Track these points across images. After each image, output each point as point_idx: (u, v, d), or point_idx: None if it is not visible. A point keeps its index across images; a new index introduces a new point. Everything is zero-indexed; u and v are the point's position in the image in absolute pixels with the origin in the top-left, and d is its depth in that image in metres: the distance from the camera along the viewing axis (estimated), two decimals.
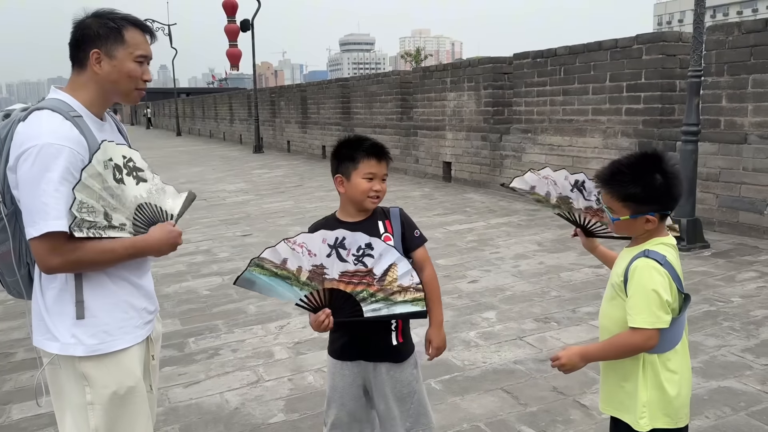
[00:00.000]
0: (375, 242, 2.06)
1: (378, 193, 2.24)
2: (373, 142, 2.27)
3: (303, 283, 2.05)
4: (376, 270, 2.06)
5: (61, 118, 1.89)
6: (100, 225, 1.86)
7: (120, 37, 1.98)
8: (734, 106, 7.21)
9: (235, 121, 29.37)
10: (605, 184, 1.99)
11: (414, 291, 2.09)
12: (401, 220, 2.33)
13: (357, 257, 2.05)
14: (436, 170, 13.15)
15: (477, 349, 4.33)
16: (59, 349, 1.96)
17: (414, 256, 2.32)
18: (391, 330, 2.29)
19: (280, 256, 2.04)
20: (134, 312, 2.06)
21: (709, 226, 7.29)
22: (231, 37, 26.75)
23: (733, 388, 3.57)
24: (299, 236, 2.05)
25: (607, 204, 2.01)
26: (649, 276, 1.90)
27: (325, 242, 2.04)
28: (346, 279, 2.06)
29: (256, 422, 3.44)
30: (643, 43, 8.33)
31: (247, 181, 14.41)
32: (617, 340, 1.98)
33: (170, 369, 4.13)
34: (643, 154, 1.97)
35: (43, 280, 1.97)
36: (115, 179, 1.90)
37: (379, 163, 2.24)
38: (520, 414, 3.41)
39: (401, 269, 2.08)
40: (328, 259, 2.04)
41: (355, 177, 2.22)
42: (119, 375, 2.00)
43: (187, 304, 5.49)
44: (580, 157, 9.48)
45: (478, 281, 5.92)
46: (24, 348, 4.60)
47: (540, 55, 10.17)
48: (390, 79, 15.18)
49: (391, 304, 2.08)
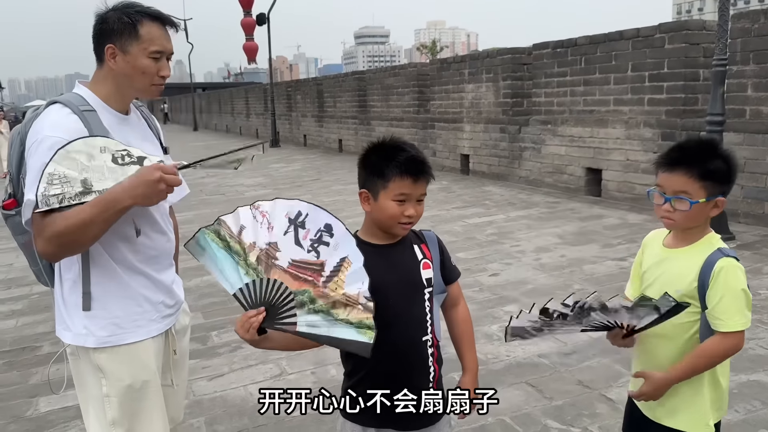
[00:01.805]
0: (336, 226, 1.71)
1: (411, 219, 1.80)
2: (411, 154, 1.79)
3: (249, 265, 1.70)
4: (327, 264, 1.69)
5: (68, 111, 1.90)
6: (69, 194, 1.78)
7: (134, 33, 1.94)
8: (760, 95, 7.06)
9: (252, 115, 29.45)
10: (680, 162, 1.83)
11: (362, 310, 1.66)
12: (439, 246, 1.96)
13: (313, 242, 1.71)
14: (454, 163, 13.08)
15: (500, 342, 4.29)
16: (71, 339, 1.98)
17: (449, 290, 1.98)
18: (429, 380, 1.87)
19: (239, 223, 1.73)
20: (149, 305, 2.05)
21: (733, 217, 7.17)
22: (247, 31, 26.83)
23: (763, 382, 3.51)
24: (265, 203, 1.75)
25: (679, 188, 1.82)
26: (735, 276, 1.81)
27: (287, 216, 1.72)
28: (296, 270, 1.70)
29: (281, 415, 3.43)
30: (665, 32, 8.20)
31: (265, 176, 14.45)
32: (706, 351, 1.83)
33: (194, 362, 4.15)
34: (698, 139, 1.90)
35: (62, 271, 1.99)
36: (115, 162, 1.84)
37: (416, 183, 1.78)
38: (546, 408, 3.37)
39: (353, 268, 1.69)
40: (283, 238, 1.71)
41: (383, 198, 1.79)
42: (133, 368, 2.00)
43: (209, 298, 5.52)
44: (601, 148, 9.37)
45: (500, 274, 5.88)
46: (50, 342, 4.65)
47: (560, 45, 10.05)
48: (407, 71, 15.12)
49: (331, 322, 1.68)
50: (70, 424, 3.44)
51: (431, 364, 1.88)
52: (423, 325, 1.86)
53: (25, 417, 3.58)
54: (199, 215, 8.45)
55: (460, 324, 2.01)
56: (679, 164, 1.84)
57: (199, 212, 8.50)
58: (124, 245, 1.97)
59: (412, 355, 1.85)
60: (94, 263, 1.94)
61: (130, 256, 1.99)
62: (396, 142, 1.84)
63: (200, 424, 3.40)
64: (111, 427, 1.99)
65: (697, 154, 1.84)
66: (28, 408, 3.68)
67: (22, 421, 3.54)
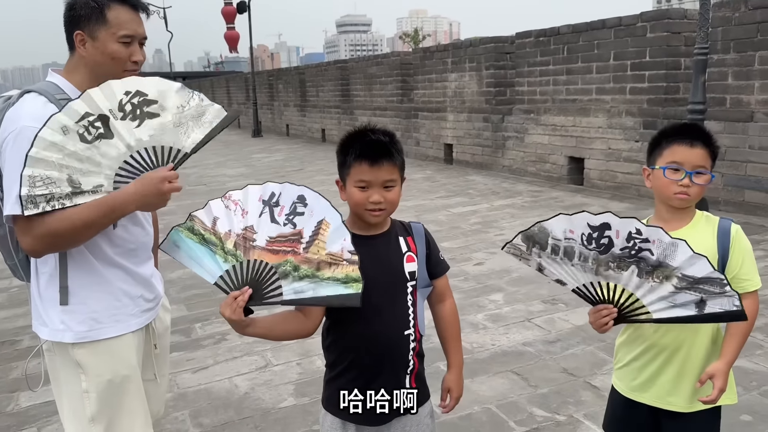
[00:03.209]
0: (308, 195, 1.71)
1: (377, 205, 1.76)
2: (370, 139, 1.76)
3: (227, 252, 1.70)
4: (305, 231, 1.70)
5: (44, 100, 1.85)
6: (59, 195, 1.74)
7: (102, 17, 1.88)
8: (740, 83, 7.13)
9: (233, 104, 29.18)
10: (698, 136, 1.90)
11: (347, 265, 1.68)
12: (426, 239, 1.92)
13: (288, 215, 1.70)
14: (438, 152, 13.07)
15: (485, 331, 4.31)
16: (48, 335, 1.94)
17: (436, 284, 1.94)
18: (406, 373, 1.86)
19: (212, 216, 1.73)
20: (128, 299, 2.01)
21: (714, 205, 7.25)
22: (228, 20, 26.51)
23: (745, 368, 3.55)
24: (237, 192, 1.74)
25: (699, 163, 1.86)
26: (746, 238, 1.89)
27: (261, 199, 1.72)
28: (274, 246, 1.70)
29: (266, 407, 3.43)
30: (647, 20, 8.23)
31: (248, 166, 14.34)
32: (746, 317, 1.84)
33: (178, 354, 4.11)
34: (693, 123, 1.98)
35: (38, 265, 1.94)
36: (84, 140, 1.77)
37: (374, 167, 1.73)
38: (531, 396, 3.39)
39: (333, 226, 1.69)
40: (259, 220, 1.71)
41: (349, 185, 1.79)
42: (113, 363, 1.97)
43: (192, 290, 5.47)
44: (583, 137, 9.41)
45: (484, 263, 5.89)
46: (29, 335, 4.58)
47: (543, 33, 10.05)
48: (390, 60, 15.05)
49: (317, 283, 1.68)
50: (52, 419, 3.39)
51: (411, 357, 1.86)
52: (405, 319, 1.84)
53: (5, 412, 3.53)
54: (181, 206, 8.32)
55: (446, 320, 1.97)
56: (699, 140, 1.89)
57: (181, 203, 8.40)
58: (101, 238, 1.93)
59: (393, 348, 1.83)
60: (72, 257, 1.90)
61: (107, 249, 1.95)
62: (363, 128, 1.82)
63: (184, 417, 3.37)
64: (90, 423, 1.95)
65: (709, 135, 1.93)
66: (8, 403, 3.63)
67: (3, 416, 3.49)
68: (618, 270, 1.74)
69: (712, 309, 1.69)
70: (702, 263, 1.68)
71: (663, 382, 1.95)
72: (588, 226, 1.74)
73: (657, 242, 1.69)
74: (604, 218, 1.72)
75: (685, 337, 1.91)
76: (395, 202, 1.81)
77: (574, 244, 1.76)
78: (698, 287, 1.68)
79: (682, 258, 1.68)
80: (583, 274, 1.78)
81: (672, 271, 1.69)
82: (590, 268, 1.76)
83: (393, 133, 1.86)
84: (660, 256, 1.69)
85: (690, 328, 1.89)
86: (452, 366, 1.98)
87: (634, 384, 2.02)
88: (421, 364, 1.92)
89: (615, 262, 1.73)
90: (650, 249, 1.70)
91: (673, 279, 1.70)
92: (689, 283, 1.69)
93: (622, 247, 1.72)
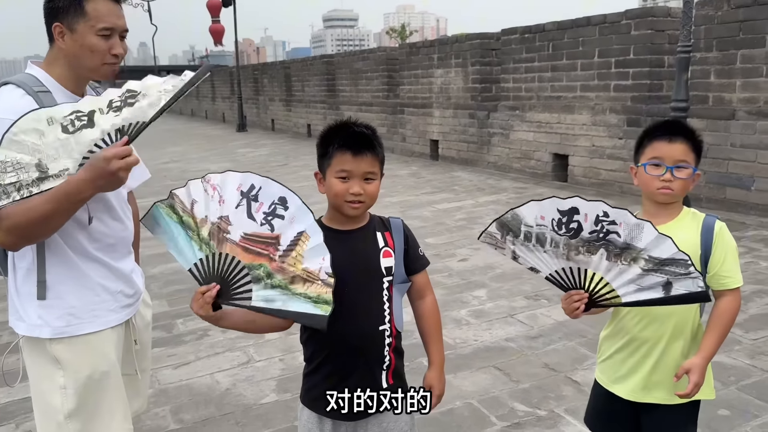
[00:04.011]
0: (291, 198, 1.66)
1: (357, 197, 1.75)
2: (354, 130, 1.78)
3: (202, 240, 1.68)
4: (283, 238, 1.66)
5: (21, 92, 1.83)
6: (26, 181, 1.69)
7: (80, 9, 1.85)
8: (722, 81, 7.20)
9: (218, 99, 28.98)
10: (679, 131, 1.92)
11: (322, 285, 1.65)
12: (404, 234, 1.90)
13: (266, 215, 1.66)
14: (424, 148, 13.08)
15: (468, 327, 4.32)
16: (26, 330, 1.92)
17: (415, 280, 1.92)
18: (382, 369, 1.85)
19: (190, 197, 1.70)
20: (108, 295, 1.99)
21: (696, 202, 7.32)
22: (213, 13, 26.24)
23: (723, 363, 3.59)
24: (216, 176, 1.70)
25: (680, 157, 1.88)
26: (730, 236, 1.91)
27: (239, 189, 1.68)
28: (247, 244, 1.67)
29: (248, 403, 3.41)
30: (631, 18, 8.28)
31: (232, 161, 14.25)
32: (727, 313, 1.88)
33: (159, 350, 4.08)
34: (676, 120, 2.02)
35: (16, 260, 1.91)
36: (66, 131, 1.74)
37: (356, 157, 1.74)
38: (513, 391, 3.41)
39: (312, 243, 1.65)
40: (235, 212, 1.67)
41: (329, 175, 1.78)
42: (92, 359, 1.95)
43: (174, 285, 5.43)
44: (568, 134, 9.45)
45: (468, 260, 5.91)
46: (8, 331, 4.51)
47: (528, 30, 10.08)
48: (376, 55, 15.02)
49: (288, 296, 1.66)
50: (30, 415, 3.32)
51: (387, 354, 1.85)
52: (380, 315, 1.83)
53: None
54: None
55: (426, 317, 1.95)
56: (678, 135, 1.91)
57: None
58: (80, 233, 1.91)
59: (367, 343, 1.82)
60: (50, 251, 1.87)
61: (86, 243, 1.93)
62: (346, 122, 1.83)
63: (165, 413, 3.34)
64: (66, 420, 1.93)
65: (692, 130, 1.95)
66: None
67: None
68: (588, 254, 1.76)
69: (678, 291, 1.71)
70: (667, 244, 1.69)
71: (642, 374, 1.97)
72: (557, 211, 1.76)
73: (623, 225, 1.71)
74: (572, 202, 1.74)
75: (664, 330, 1.93)
76: (374, 195, 1.80)
77: (545, 230, 1.78)
78: (664, 269, 1.70)
79: (647, 239, 1.70)
80: (555, 260, 1.80)
81: (639, 252, 1.71)
82: (562, 254, 1.78)
83: (374, 128, 1.86)
84: (627, 238, 1.71)
85: (670, 321, 1.91)
86: (433, 363, 1.95)
87: (615, 377, 2.04)
88: (399, 360, 1.91)
89: (584, 246, 1.75)
90: (617, 231, 1.72)
91: (640, 261, 1.72)
92: (655, 265, 1.71)
93: (590, 230, 1.74)
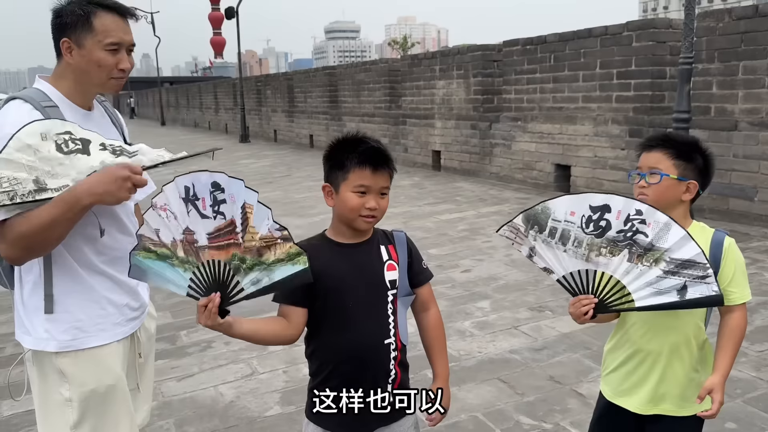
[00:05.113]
0: (220, 179, 1.65)
1: (373, 212, 1.77)
2: (372, 146, 1.79)
3: (182, 261, 1.68)
4: (236, 219, 1.65)
5: (29, 107, 1.84)
6: (22, 192, 1.70)
7: (88, 25, 1.87)
8: (724, 92, 7.22)
9: (221, 110, 29.09)
10: (658, 141, 1.95)
11: (283, 242, 1.63)
12: (408, 247, 1.92)
13: (212, 206, 1.65)
14: (426, 159, 13.10)
15: (472, 338, 4.31)
16: (32, 344, 1.92)
17: (419, 293, 1.93)
18: (387, 383, 1.84)
19: (153, 228, 1.68)
20: (113, 308, 1.99)
21: (699, 213, 7.30)
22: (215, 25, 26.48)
23: (729, 376, 3.56)
24: (159, 197, 1.67)
25: (653, 164, 1.91)
26: (739, 252, 1.92)
27: (180, 197, 1.66)
28: (216, 242, 1.66)
29: (252, 415, 3.40)
30: (633, 29, 8.32)
31: (235, 172, 14.16)
32: (737, 328, 1.88)
33: (163, 362, 4.07)
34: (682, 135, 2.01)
35: (22, 273, 1.92)
36: (60, 151, 1.76)
37: (375, 173, 1.76)
38: (518, 404, 3.39)
39: (256, 211, 1.63)
40: (189, 218, 1.66)
41: (344, 189, 1.77)
42: (98, 373, 1.95)
43: (178, 297, 5.40)
44: (570, 144, 9.47)
45: (471, 270, 5.90)
46: (13, 343, 4.51)
47: (530, 42, 10.12)
48: (378, 67, 15.08)
49: (268, 269, 1.64)
50: (34, 428, 3.32)
51: (393, 367, 1.84)
52: (385, 328, 1.83)
53: None
54: None
55: (430, 330, 1.95)
56: (657, 145, 1.94)
57: None
58: (87, 246, 1.91)
59: (373, 357, 1.82)
60: (57, 265, 1.88)
61: (93, 257, 1.93)
62: (358, 136, 1.83)
63: (169, 426, 3.33)
64: None
65: (676, 140, 1.97)
66: None
67: None
68: (609, 255, 1.76)
69: (693, 295, 1.71)
70: (690, 245, 1.70)
71: (649, 387, 1.96)
72: (589, 208, 1.77)
73: (653, 224, 1.72)
74: (606, 199, 1.77)
75: (670, 342, 1.93)
76: (385, 209, 1.82)
77: (571, 227, 1.79)
78: (682, 272, 1.71)
79: (673, 239, 1.70)
80: (573, 261, 1.80)
81: (662, 253, 1.71)
82: (582, 254, 1.78)
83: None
84: (653, 238, 1.72)
85: (675, 333, 1.91)
86: (438, 376, 1.95)
87: (620, 389, 2.03)
88: (405, 373, 1.90)
89: (608, 247, 1.76)
90: (645, 231, 1.72)
91: (661, 263, 1.72)
92: (675, 267, 1.71)
93: (618, 229, 1.75)
